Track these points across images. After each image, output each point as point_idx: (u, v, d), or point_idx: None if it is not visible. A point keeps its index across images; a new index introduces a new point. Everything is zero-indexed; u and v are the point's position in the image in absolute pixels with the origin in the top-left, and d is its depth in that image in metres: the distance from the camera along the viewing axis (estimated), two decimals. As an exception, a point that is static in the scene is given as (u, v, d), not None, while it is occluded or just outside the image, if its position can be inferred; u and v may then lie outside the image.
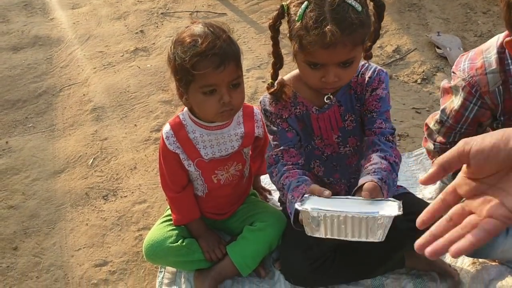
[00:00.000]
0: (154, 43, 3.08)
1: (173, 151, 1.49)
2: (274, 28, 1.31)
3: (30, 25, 3.43)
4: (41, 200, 2.00)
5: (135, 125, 2.39)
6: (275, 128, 1.44)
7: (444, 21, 3.18)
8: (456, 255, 0.61)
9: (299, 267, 1.46)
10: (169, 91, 2.56)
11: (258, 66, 2.80)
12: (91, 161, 2.18)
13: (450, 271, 1.54)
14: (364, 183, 1.16)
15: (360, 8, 1.18)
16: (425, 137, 1.69)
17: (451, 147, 0.67)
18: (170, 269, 1.65)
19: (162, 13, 3.38)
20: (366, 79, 1.40)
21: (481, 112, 1.42)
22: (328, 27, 1.14)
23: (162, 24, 3.26)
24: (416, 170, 2.02)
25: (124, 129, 2.37)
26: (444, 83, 1.57)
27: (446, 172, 0.68)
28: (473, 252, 1.42)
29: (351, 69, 1.28)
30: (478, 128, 1.53)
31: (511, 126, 1.39)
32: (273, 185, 1.60)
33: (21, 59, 3.02)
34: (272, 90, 1.41)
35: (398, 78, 2.66)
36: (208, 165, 1.52)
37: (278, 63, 1.38)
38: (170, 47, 1.35)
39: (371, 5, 1.28)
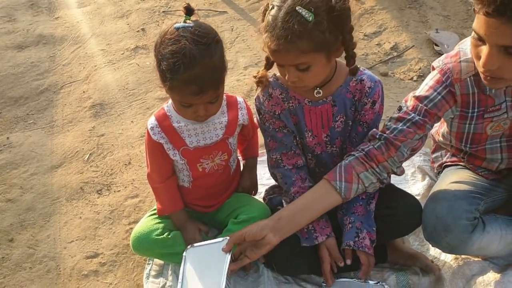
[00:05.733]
0: (154, 41, 3.12)
1: (157, 141, 1.53)
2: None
3: (35, 24, 3.51)
4: (37, 194, 2.06)
5: (132, 121, 2.44)
6: (270, 129, 1.54)
7: (445, 18, 3.17)
8: None
9: (281, 254, 1.49)
10: (166, 88, 2.61)
11: (256, 64, 2.82)
12: (87, 157, 2.24)
13: (432, 266, 1.56)
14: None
15: (310, 18, 1.22)
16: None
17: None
18: (157, 261, 1.69)
19: (163, 12, 3.43)
20: (366, 88, 1.45)
21: (442, 104, 1.41)
22: (277, 28, 1.25)
23: (163, 22, 3.31)
24: (405, 167, 2.02)
25: (121, 125, 2.42)
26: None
27: None
28: (450, 248, 1.44)
29: (312, 74, 1.33)
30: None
31: (486, 118, 1.39)
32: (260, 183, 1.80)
33: (25, 57, 3.09)
34: (258, 75, 1.49)
35: (394, 76, 2.67)
36: (193, 153, 1.56)
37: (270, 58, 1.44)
38: (156, 45, 1.39)
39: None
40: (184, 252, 1.48)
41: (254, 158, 1.80)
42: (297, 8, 1.23)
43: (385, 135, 1.41)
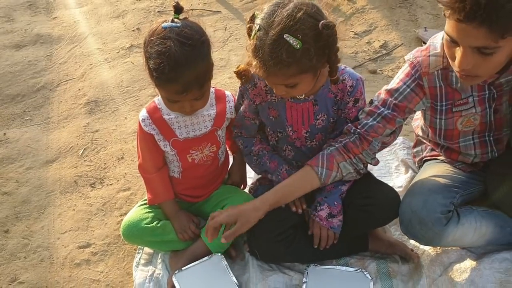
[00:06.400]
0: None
1: (149, 132, 1.59)
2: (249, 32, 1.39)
3: (33, 24, 3.57)
4: (33, 187, 2.12)
5: (126, 118, 2.50)
6: (241, 113, 1.63)
7: (434, 17, 3.23)
8: None
9: (262, 241, 1.56)
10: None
11: (248, 62, 2.89)
12: (81, 152, 2.30)
13: (411, 254, 1.61)
14: None
15: (298, 46, 1.25)
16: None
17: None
18: (147, 250, 1.75)
19: (158, 11, 3.49)
20: (348, 87, 1.50)
21: (411, 96, 1.46)
22: (256, 61, 1.30)
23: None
24: (390, 161, 2.09)
25: (114, 121, 2.49)
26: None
27: None
28: (425, 241, 1.50)
29: (299, 89, 1.38)
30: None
31: (455, 112, 1.44)
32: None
33: (23, 56, 3.16)
34: (237, 69, 1.52)
35: (382, 73, 2.73)
36: (183, 144, 1.62)
37: None
38: (144, 43, 1.43)
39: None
40: (173, 277, 1.57)
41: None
42: (285, 36, 1.25)
43: (358, 130, 1.48)
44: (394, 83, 1.50)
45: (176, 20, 1.39)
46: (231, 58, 2.92)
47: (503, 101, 1.46)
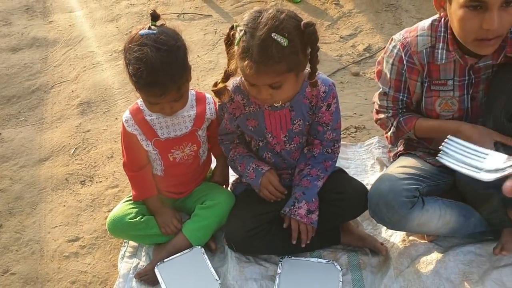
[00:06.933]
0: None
1: (131, 132, 1.69)
2: (228, 43, 1.48)
3: (29, 27, 3.68)
4: (26, 185, 2.22)
5: (116, 118, 2.60)
6: (223, 124, 1.74)
7: (418, 20, 3.29)
8: None
9: (238, 235, 1.66)
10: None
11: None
12: (73, 151, 2.40)
13: (380, 248, 1.71)
14: None
15: (286, 43, 1.35)
16: (376, 110, 1.82)
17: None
18: (132, 243, 1.85)
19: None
20: (321, 93, 1.60)
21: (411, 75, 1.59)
22: (246, 62, 1.37)
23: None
24: (366, 159, 2.18)
25: (105, 122, 2.59)
26: (379, 58, 1.73)
27: None
28: (392, 224, 1.59)
29: (283, 90, 1.47)
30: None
31: (433, 91, 1.56)
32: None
33: (19, 59, 3.27)
34: (216, 88, 1.59)
35: (365, 75, 2.82)
36: (164, 144, 1.72)
37: (230, 71, 1.53)
38: (124, 50, 1.52)
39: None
40: (156, 268, 1.66)
41: (225, 156, 1.91)
42: (272, 35, 1.34)
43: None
44: (393, 74, 1.64)
45: (152, 27, 1.49)
46: (220, 60, 3.02)
47: (480, 89, 1.58)
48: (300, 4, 3.57)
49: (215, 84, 1.60)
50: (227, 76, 1.55)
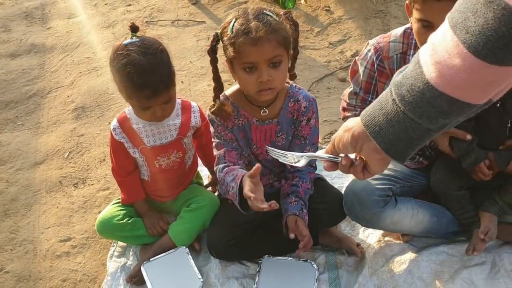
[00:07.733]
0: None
1: (119, 140, 1.77)
2: (212, 51, 1.54)
3: (28, 34, 3.78)
4: (21, 187, 2.32)
5: (109, 123, 2.67)
6: (221, 138, 1.67)
7: (406, 27, 3.40)
8: None
9: (217, 243, 1.75)
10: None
11: (227, 70, 3.07)
12: (67, 154, 2.49)
13: (355, 250, 1.78)
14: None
15: (277, 18, 1.45)
16: (343, 107, 1.88)
17: None
18: (121, 244, 1.94)
19: (146, 22, 3.69)
20: (302, 108, 1.66)
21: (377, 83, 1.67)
22: (252, 23, 1.40)
23: (145, 32, 3.55)
24: (348, 162, 2.26)
25: (99, 126, 2.68)
26: (355, 59, 1.81)
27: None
28: (365, 221, 1.67)
29: (281, 71, 1.48)
30: None
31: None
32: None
33: (17, 65, 3.36)
34: (213, 109, 1.61)
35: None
36: (150, 151, 1.80)
37: (218, 87, 1.61)
38: (110, 61, 1.59)
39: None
40: (142, 267, 1.75)
41: None
42: (264, 11, 1.44)
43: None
44: (364, 76, 1.71)
45: (134, 37, 1.58)
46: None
47: None
48: (291, 11, 3.65)
49: (212, 106, 1.62)
50: (216, 92, 1.61)
